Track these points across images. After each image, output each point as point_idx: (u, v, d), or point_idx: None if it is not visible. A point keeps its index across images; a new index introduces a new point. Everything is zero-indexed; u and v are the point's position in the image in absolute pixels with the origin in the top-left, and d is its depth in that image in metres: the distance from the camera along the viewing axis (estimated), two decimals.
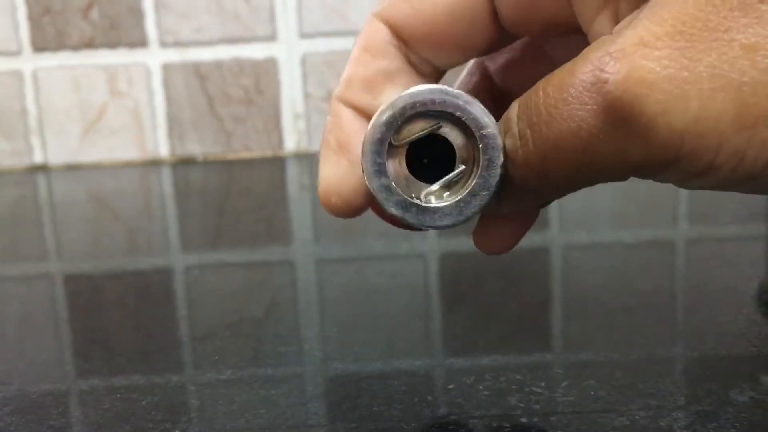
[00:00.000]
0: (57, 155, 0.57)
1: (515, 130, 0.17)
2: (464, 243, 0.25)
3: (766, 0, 0.14)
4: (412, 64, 0.20)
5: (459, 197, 0.18)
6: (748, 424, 0.19)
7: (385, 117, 0.18)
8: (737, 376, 0.21)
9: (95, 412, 0.22)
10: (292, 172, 0.55)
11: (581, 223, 0.37)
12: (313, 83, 0.57)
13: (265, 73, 0.56)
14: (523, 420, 0.20)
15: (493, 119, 0.18)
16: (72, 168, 0.57)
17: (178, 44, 0.56)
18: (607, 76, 0.15)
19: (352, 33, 0.56)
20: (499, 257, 0.22)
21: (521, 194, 0.18)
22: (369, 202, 0.20)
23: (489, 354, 0.24)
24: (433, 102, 0.18)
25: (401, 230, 0.23)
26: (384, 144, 0.18)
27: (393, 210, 0.18)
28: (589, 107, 0.15)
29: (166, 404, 0.22)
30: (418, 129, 0.18)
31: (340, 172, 0.19)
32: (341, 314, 0.28)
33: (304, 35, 0.56)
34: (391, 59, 0.19)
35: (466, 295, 0.30)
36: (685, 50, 0.14)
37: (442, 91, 0.18)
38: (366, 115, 0.19)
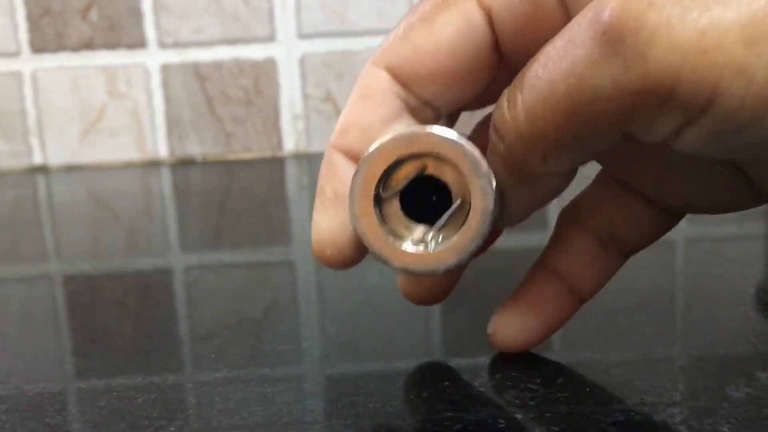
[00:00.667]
0: (56, 156, 0.57)
1: (502, 102, 0.17)
2: None
3: None
4: (411, 110, 0.19)
5: (454, 239, 0.18)
6: (743, 420, 0.19)
7: (363, 173, 0.18)
8: (733, 372, 0.21)
9: (92, 410, 0.22)
10: (292, 173, 0.55)
11: None
12: (312, 84, 0.57)
13: (264, 73, 0.56)
14: (518, 416, 0.20)
15: (475, 148, 0.18)
16: (71, 169, 0.57)
17: (178, 45, 0.56)
18: (605, 6, 0.15)
19: (351, 34, 0.56)
20: (499, 257, 0.22)
21: (515, 186, 0.18)
22: (364, 256, 0.20)
23: (485, 352, 0.24)
24: (409, 145, 0.17)
25: None
26: (369, 191, 0.18)
27: (379, 254, 0.18)
28: (586, 40, 0.15)
29: (163, 402, 0.22)
30: (405, 174, 0.18)
31: (336, 222, 0.19)
32: (340, 314, 0.28)
33: (303, 36, 0.56)
34: (389, 106, 0.19)
35: (465, 295, 0.30)
36: None
37: (412, 133, 0.18)
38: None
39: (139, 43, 0.56)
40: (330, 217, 0.19)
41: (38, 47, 0.56)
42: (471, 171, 0.17)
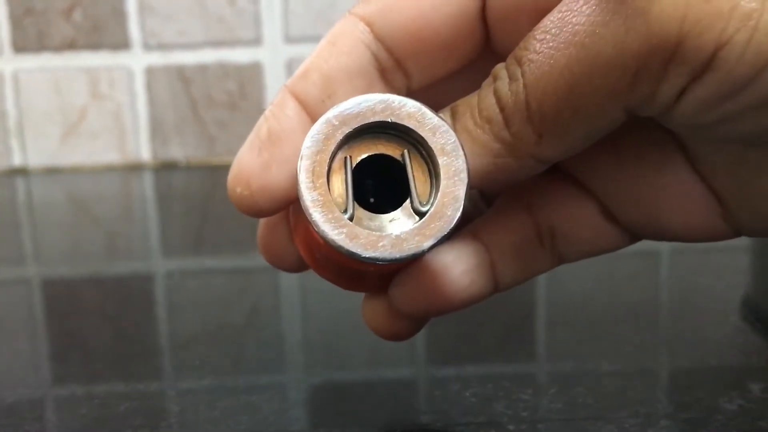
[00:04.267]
0: (37, 158, 0.56)
1: (502, 73, 0.16)
2: None
3: None
4: (381, 69, 0.18)
5: (419, 222, 0.16)
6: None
7: (325, 127, 0.16)
8: (725, 384, 0.21)
9: (72, 417, 0.21)
10: None
11: None
12: None
13: (249, 77, 0.56)
14: (510, 427, 0.20)
15: (443, 118, 0.16)
16: (52, 171, 0.56)
17: (162, 47, 0.56)
18: None
19: None
20: None
21: (508, 159, 0.16)
22: (277, 211, 0.18)
23: (475, 362, 0.24)
24: (364, 113, 0.16)
25: None
26: (323, 155, 0.16)
27: (325, 228, 0.15)
28: (583, 6, 0.15)
29: (146, 410, 0.21)
30: (366, 151, 0.16)
31: (258, 163, 0.17)
32: (324, 321, 0.28)
33: (289, 39, 0.56)
34: (357, 57, 0.18)
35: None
36: None
37: (372, 99, 0.16)
38: (311, 112, 0.18)
39: (123, 45, 0.55)
40: (254, 156, 0.17)
41: (20, 47, 0.55)
42: (429, 130, 0.16)
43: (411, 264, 0.17)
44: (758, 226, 0.18)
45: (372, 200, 0.16)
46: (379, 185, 0.16)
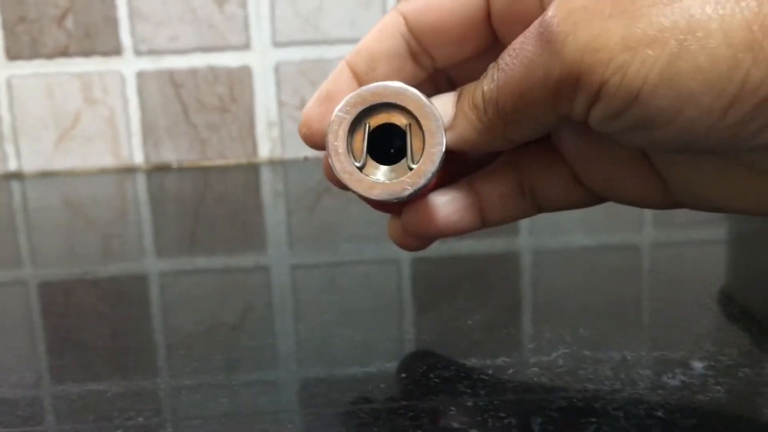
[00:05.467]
0: (31, 162, 0.57)
1: (489, 73, 0.21)
2: (436, 249, 0.26)
3: None
4: (413, 53, 0.24)
5: (414, 168, 0.21)
6: (676, 405, 0.20)
7: (351, 101, 0.21)
8: (672, 363, 0.23)
9: (68, 414, 0.22)
10: (266, 179, 0.56)
11: (551, 228, 0.38)
12: (286, 92, 0.57)
13: (239, 81, 0.57)
14: (469, 403, 0.21)
15: (432, 106, 0.21)
16: (46, 175, 0.57)
17: (153, 52, 0.56)
18: (546, 12, 0.19)
19: (324, 42, 0.56)
20: (472, 260, 0.23)
21: (481, 134, 0.21)
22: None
23: (448, 349, 0.25)
24: (379, 94, 0.21)
25: (373, 236, 0.23)
26: (345, 121, 0.21)
27: (339, 172, 0.21)
28: (531, 38, 0.19)
29: (139, 408, 0.22)
30: (381, 120, 0.22)
31: (316, 113, 0.23)
32: (315, 319, 0.29)
33: (277, 44, 0.56)
34: (394, 43, 0.23)
35: (439, 299, 0.30)
36: None
37: (386, 86, 0.22)
38: (359, 79, 0.23)
39: (115, 51, 0.56)
40: (315, 108, 0.23)
41: (13, 54, 0.55)
42: (421, 112, 0.21)
43: (412, 200, 0.23)
44: (693, 203, 0.22)
45: (392, 151, 0.22)
46: (396, 144, 0.22)
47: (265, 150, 0.58)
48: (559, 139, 0.23)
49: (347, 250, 0.36)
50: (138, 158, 0.57)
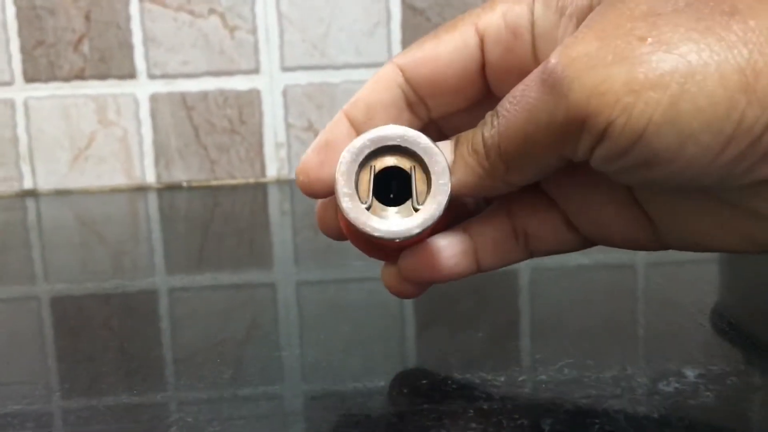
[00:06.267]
0: (46, 181, 0.57)
1: (487, 120, 0.22)
2: None
3: (660, 14, 0.19)
4: (409, 104, 0.24)
5: (421, 208, 0.22)
6: (671, 409, 0.22)
7: (358, 144, 0.22)
8: (667, 372, 0.24)
9: (79, 429, 0.22)
10: (274, 199, 0.56)
11: None
12: (294, 114, 0.58)
13: (248, 104, 0.57)
14: (485, 406, 0.22)
15: (438, 149, 0.22)
16: (61, 194, 0.57)
17: (166, 76, 0.57)
18: (549, 59, 0.20)
19: (331, 67, 0.57)
20: (472, 278, 0.24)
21: (483, 180, 0.22)
22: (327, 195, 0.24)
23: (459, 359, 0.26)
24: (387, 137, 0.22)
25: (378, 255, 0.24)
26: (353, 164, 0.22)
27: (348, 212, 0.22)
28: (534, 84, 0.20)
29: (148, 420, 0.22)
30: (386, 163, 0.22)
31: (314, 162, 0.23)
32: (320, 335, 0.29)
33: (285, 68, 0.57)
34: (391, 93, 0.24)
35: (441, 315, 0.31)
36: (601, 40, 0.19)
37: (392, 129, 0.22)
38: (357, 129, 0.24)
39: (129, 74, 0.56)
40: (314, 156, 0.23)
41: (31, 77, 0.56)
42: (428, 153, 0.22)
43: (412, 243, 0.23)
44: (681, 243, 0.23)
45: (392, 195, 0.22)
46: (398, 186, 0.22)
47: (272, 170, 0.58)
48: (550, 184, 0.24)
49: (352, 268, 0.36)
50: (150, 178, 0.58)
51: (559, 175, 0.22)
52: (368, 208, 0.22)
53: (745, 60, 0.18)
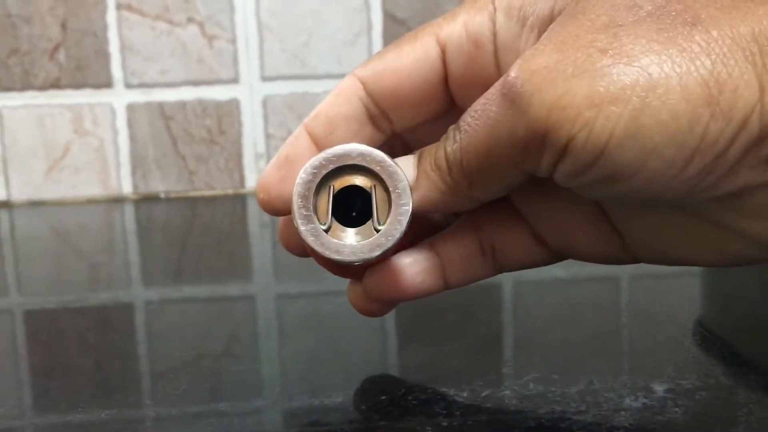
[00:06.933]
0: (20, 192, 0.57)
1: (449, 134, 0.21)
2: None
3: (621, 24, 0.19)
4: (371, 117, 0.23)
5: (381, 229, 0.21)
6: (637, 425, 0.21)
7: (315, 163, 0.21)
8: (635, 387, 0.24)
9: None
10: (253, 210, 0.55)
11: None
12: (274, 124, 0.58)
13: (227, 114, 0.57)
14: (444, 423, 0.22)
15: (399, 168, 0.21)
16: (36, 204, 0.57)
17: (143, 85, 0.57)
18: (509, 74, 0.19)
19: (311, 77, 0.57)
20: (454, 291, 0.24)
21: (446, 195, 0.21)
22: (286, 211, 0.23)
23: (428, 374, 0.25)
24: (345, 156, 0.21)
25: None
26: (311, 184, 0.21)
27: (304, 236, 0.21)
28: (494, 99, 0.19)
29: (119, 426, 0.22)
30: (346, 182, 0.21)
31: (274, 178, 0.23)
32: (300, 348, 0.29)
33: (265, 78, 0.57)
34: (352, 106, 0.23)
35: (421, 329, 0.31)
36: (561, 52, 0.19)
37: (351, 148, 0.21)
38: (318, 143, 0.23)
39: (106, 84, 0.56)
40: (274, 172, 0.23)
41: (5, 86, 0.56)
42: (387, 173, 0.21)
43: (375, 263, 0.22)
44: (650, 257, 0.22)
45: (354, 214, 0.22)
46: (362, 202, 0.22)
47: (252, 181, 0.58)
48: (517, 197, 0.23)
49: (331, 280, 0.36)
50: (127, 188, 0.57)
51: (526, 189, 0.22)
52: (327, 230, 0.21)
53: (708, 71, 0.18)
